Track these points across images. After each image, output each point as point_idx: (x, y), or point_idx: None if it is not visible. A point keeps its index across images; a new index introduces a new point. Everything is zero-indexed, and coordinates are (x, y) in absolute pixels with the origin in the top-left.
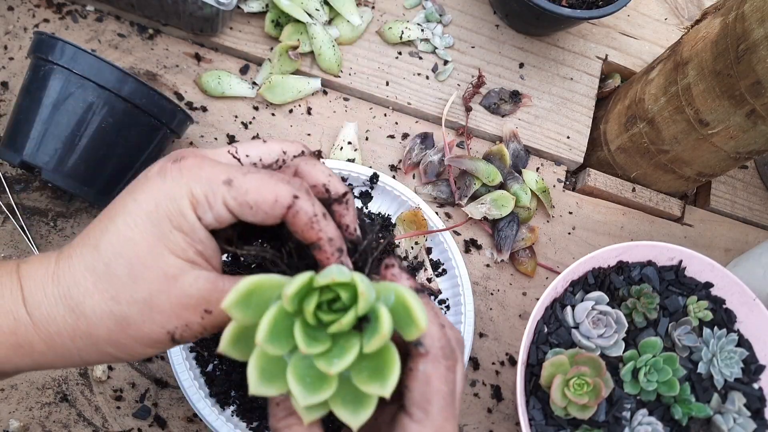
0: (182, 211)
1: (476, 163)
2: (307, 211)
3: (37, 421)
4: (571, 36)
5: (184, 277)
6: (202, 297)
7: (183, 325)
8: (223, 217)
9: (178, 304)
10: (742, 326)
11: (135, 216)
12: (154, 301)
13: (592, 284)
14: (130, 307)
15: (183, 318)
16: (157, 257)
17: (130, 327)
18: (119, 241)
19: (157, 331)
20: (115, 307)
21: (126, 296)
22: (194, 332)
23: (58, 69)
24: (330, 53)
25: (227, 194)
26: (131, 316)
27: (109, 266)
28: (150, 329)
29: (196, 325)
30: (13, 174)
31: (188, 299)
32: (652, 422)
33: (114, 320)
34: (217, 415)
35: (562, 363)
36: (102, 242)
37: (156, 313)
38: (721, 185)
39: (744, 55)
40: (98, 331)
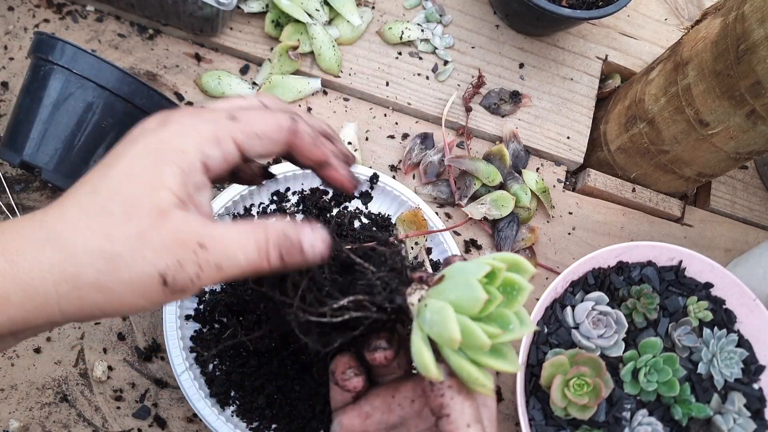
0: (184, 147)
1: (476, 163)
2: (309, 131)
3: (37, 421)
4: (571, 36)
5: (176, 213)
6: (196, 231)
7: (175, 263)
8: (231, 153)
9: (170, 239)
10: (742, 326)
11: (135, 155)
12: (146, 236)
13: (592, 284)
14: (122, 244)
15: (175, 254)
16: (151, 191)
17: (120, 267)
18: (118, 178)
19: (147, 270)
20: (107, 244)
21: (119, 233)
22: (188, 274)
23: (58, 69)
24: (330, 53)
25: (234, 128)
26: (123, 254)
27: (105, 206)
28: (140, 269)
29: (190, 263)
30: (13, 174)
31: (180, 234)
32: (652, 422)
33: (104, 259)
34: (217, 415)
35: (562, 363)
36: (99, 185)
37: (147, 250)
38: (721, 185)
39: (744, 55)
40: (86, 272)
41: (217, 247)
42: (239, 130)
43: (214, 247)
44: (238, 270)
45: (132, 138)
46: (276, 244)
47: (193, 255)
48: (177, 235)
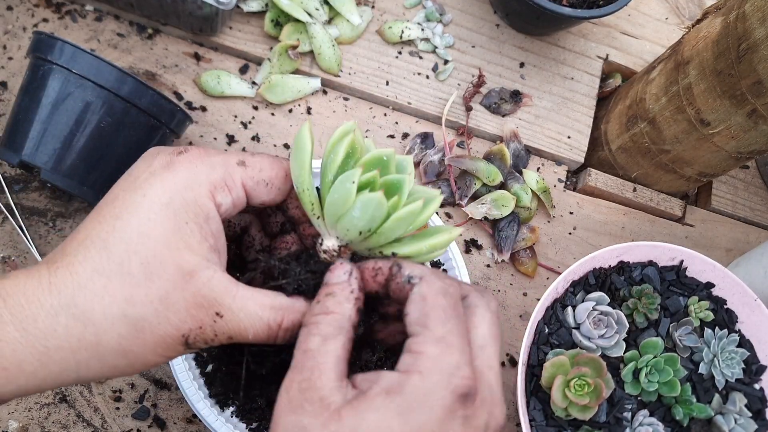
0: (198, 200)
1: (477, 163)
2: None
3: (36, 421)
4: (572, 35)
5: (199, 275)
6: (215, 298)
7: (197, 327)
8: (241, 199)
9: (193, 303)
10: (743, 327)
11: (148, 210)
12: (170, 299)
13: (593, 284)
14: (145, 307)
15: (197, 319)
16: (174, 252)
17: (144, 331)
18: (132, 238)
19: (171, 333)
20: (129, 309)
21: (141, 296)
22: (206, 337)
23: (57, 69)
24: (330, 53)
25: (244, 174)
26: (146, 318)
27: (122, 266)
28: (165, 331)
29: (209, 328)
30: (12, 174)
31: (203, 299)
32: (653, 423)
33: (127, 324)
34: (216, 415)
35: (563, 364)
36: (111, 242)
37: (171, 313)
38: (722, 185)
39: (745, 54)
40: (108, 339)
41: (232, 320)
42: (249, 177)
43: (229, 319)
44: (246, 341)
45: (138, 184)
46: (288, 328)
47: (212, 321)
48: (199, 300)
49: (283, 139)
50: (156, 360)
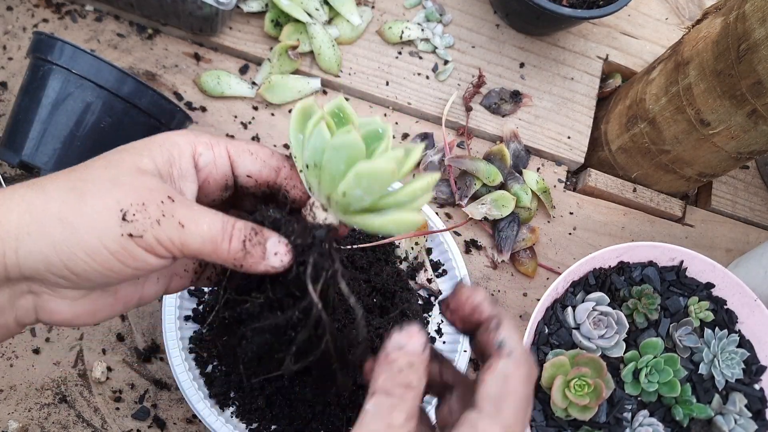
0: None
1: (477, 163)
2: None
3: (36, 422)
4: (572, 36)
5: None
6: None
7: (139, 203)
8: (222, 158)
9: (141, 185)
10: (743, 327)
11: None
12: (119, 179)
13: (592, 285)
14: (94, 183)
15: (141, 195)
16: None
17: (84, 198)
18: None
19: (110, 204)
20: (78, 183)
21: (93, 176)
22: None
23: (57, 69)
24: (330, 53)
25: (230, 142)
26: (91, 190)
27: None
28: (104, 201)
29: (154, 208)
30: (12, 174)
31: (152, 184)
32: (653, 423)
33: (72, 193)
34: (216, 416)
35: (563, 364)
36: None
37: (116, 188)
38: (722, 185)
39: (745, 54)
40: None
41: (184, 205)
42: (233, 144)
43: (181, 204)
44: (199, 239)
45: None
46: (242, 231)
47: (159, 202)
48: (149, 184)
49: (283, 140)
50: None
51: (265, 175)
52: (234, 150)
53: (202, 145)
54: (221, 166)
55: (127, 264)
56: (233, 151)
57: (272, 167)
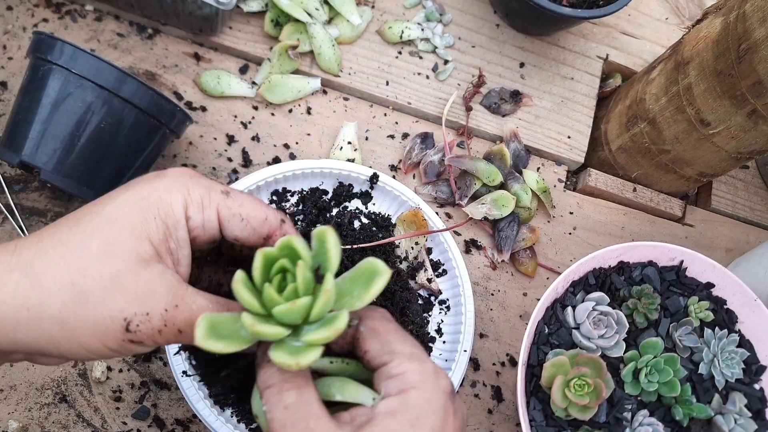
0: (172, 204)
1: (477, 163)
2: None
3: (36, 421)
4: (572, 35)
5: (155, 265)
6: (170, 289)
7: (143, 313)
8: (212, 222)
9: (144, 289)
10: (743, 327)
11: (124, 201)
12: (122, 280)
13: (592, 285)
14: (95, 282)
15: (146, 305)
16: (135, 239)
17: (87, 304)
18: (100, 219)
19: (114, 313)
20: (78, 279)
21: (93, 270)
22: (153, 326)
23: (57, 69)
24: (330, 53)
25: (222, 202)
26: (92, 292)
27: (84, 240)
28: (107, 310)
29: (157, 317)
30: (12, 174)
31: (156, 286)
32: (652, 423)
33: (72, 293)
34: (216, 416)
35: (563, 364)
36: (82, 221)
37: (119, 294)
38: (722, 185)
39: (745, 54)
40: (51, 302)
41: (184, 311)
42: (226, 205)
43: (182, 309)
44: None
45: (127, 185)
46: None
47: (162, 310)
48: (152, 286)
49: (282, 140)
50: (93, 345)
51: (252, 242)
52: (225, 213)
53: (193, 206)
54: (210, 230)
55: (126, 354)
56: (224, 215)
57: (261, 236)
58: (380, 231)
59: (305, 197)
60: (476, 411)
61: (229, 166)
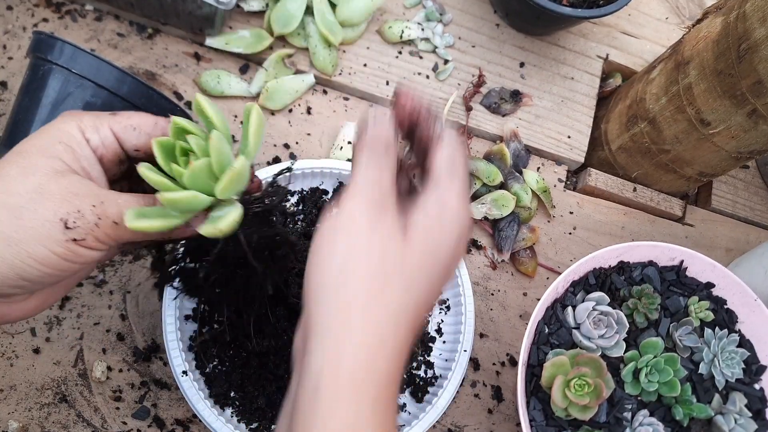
0: (69, 130)
1: (476, 162)
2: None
3: (36, 421)
4: (572, 35)
5: (72, 175)
6: (92, 190)
7: (75, 211)
8: (108, 138)
9: (68, 192)
10: (743, 327)
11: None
12: (45, 188)
13: (593, 284)
14: (21, 197)
15: (74, 204)
16: (47, 158)
17: (22, 216)
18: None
19: (49, 216)
20: (6, 198)
21: (17, 188)
22: (88, 222)
23: (57, 68)
24: (324, 53)
25: (112, 119)
26: (23, 205)
27: (3, 170)
28: (42, 215)
29: (89, 213)
30: None
31: (78, 189)
32: (653, 423)
33: (5, 211)
34: (216, 416)
35: (563, 364)
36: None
37: (47, 199)
38: (722, 185)
39: (745, 54)
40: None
41: (111, 204)
42: (116, 121)
43: (109, 203)
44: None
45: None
46: None
47: (91, 206)
48: (74, 189)
49: (282, 139)
50: (41, 252)
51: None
52: (118, 128)
53: (88, 129)
54: (110, 146)
55: (74, 261)
56: (117, 129)
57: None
58: None
59: (305, 197)
60: (476, 411)
61: None
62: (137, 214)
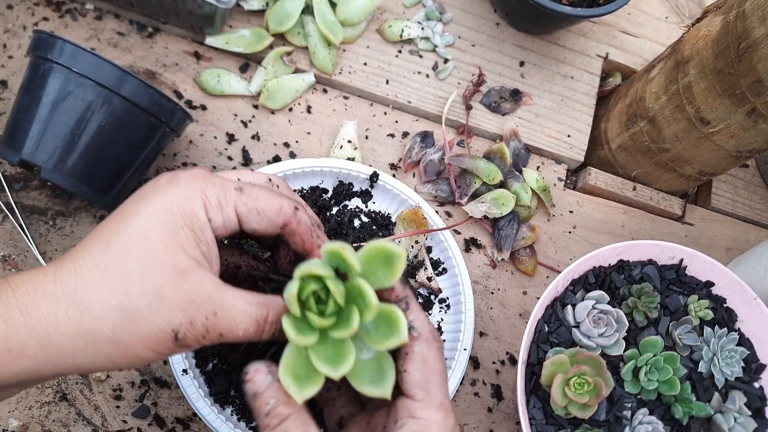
0: (194, 210)
1: (476, 161)
2: (307, 221)
3: (37, 420)
4: (572, 34)
5: (192, 275)
6: (209, 297)
7: (188, 323)
8: (231, 221)
9: (186, 300)
10: (742, 325)
11: (149, 215)
12: (164, 293)
13: (592, 283)
14: (139, 300)
15: (189, 315)
16: (170, 253)
17: (136, 322)
18: (132, 238)
19: (162, 327)
20: (124, 300)
21: (136, 290)
22: (197, 333)
23: (58, 67)
24: (324, 52)
25: (239, 199)
26: (139, 310)
27: (120, 261)
28: (156, 324)
29: (200, 325)
30: (13, 173)
31: (196, 296)
32: (652, 421)
33: (121, 314)
34: (216, 414)
35: (563, 362)
36: (113, 241)
37: (164, 307)
38: (722, 184)
39: (745, 53)
40: (103, 326)
41: (224, 317)
42: (243, 202)
43: (222, 316)
44: (235, 339)
45: (143, 195)
46: (274, 322)
47: (204, 318)
48: (192, 296)
49: (282, 138)
50: (147, 354)
51: (270, 232)
52: (242, 209)
53: (212, 208)
54: (230, 227)
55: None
56: (241, 211)
57: (277, 225)
58: (380, 229)
59: (305, 196)
60: (476, 409)
61: (229, 165)
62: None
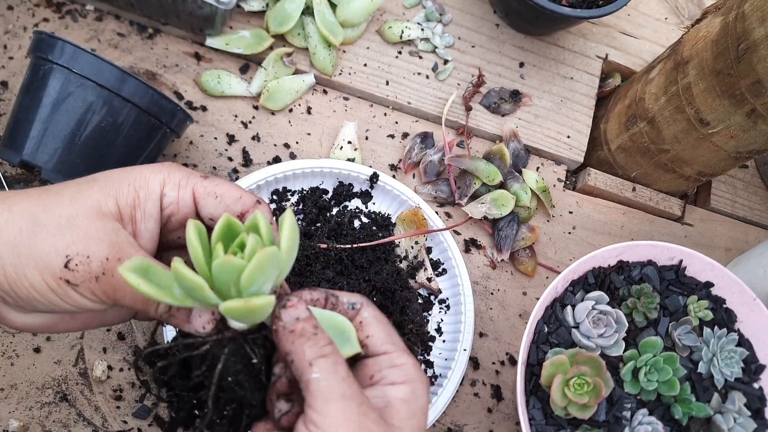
0: (149, 178)
1: (476, 162)
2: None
3: (37, 420)
4: (572, 35)
5: (113, 222)
6: (117, 244)
7: (84, 255)
8: (186, 201)
9: (92, 234)
10: (742, 326)
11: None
12: (77, 222)
13: (592, 284)
14: (52, 218)
15: (89, 248)
16: (102, 194)
17: (37, 235)
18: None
19: (59, 248)
20: (40, 213)
21: (56, 209)
22: (91, 270)
23: (58, 68)
24: (324, 53)
25: (199, 183)
26: (46, 226)
27: (62, 188)
28: (54, 244)
29: (97, 264)
30: (13, 173)
31: (105, 236)
32: (652, 422)
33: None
34: None
35: (563, 363)
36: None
37: (69, 232)
38: (721, 185)
39: (744, 54)
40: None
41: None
42: (202, 185)
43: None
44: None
45: None
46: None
47: (104, 259)
48: (101, 234)
49: (283, 139)
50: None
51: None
52: (200, 192)
53: (170, 184)
54: (184, 207)
55: (64, 300)
56: (199, 193)
57: (235, 213)
58: (380, 230)
59: (305, 196)
60: (476, 410)
61: (229, 166)
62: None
